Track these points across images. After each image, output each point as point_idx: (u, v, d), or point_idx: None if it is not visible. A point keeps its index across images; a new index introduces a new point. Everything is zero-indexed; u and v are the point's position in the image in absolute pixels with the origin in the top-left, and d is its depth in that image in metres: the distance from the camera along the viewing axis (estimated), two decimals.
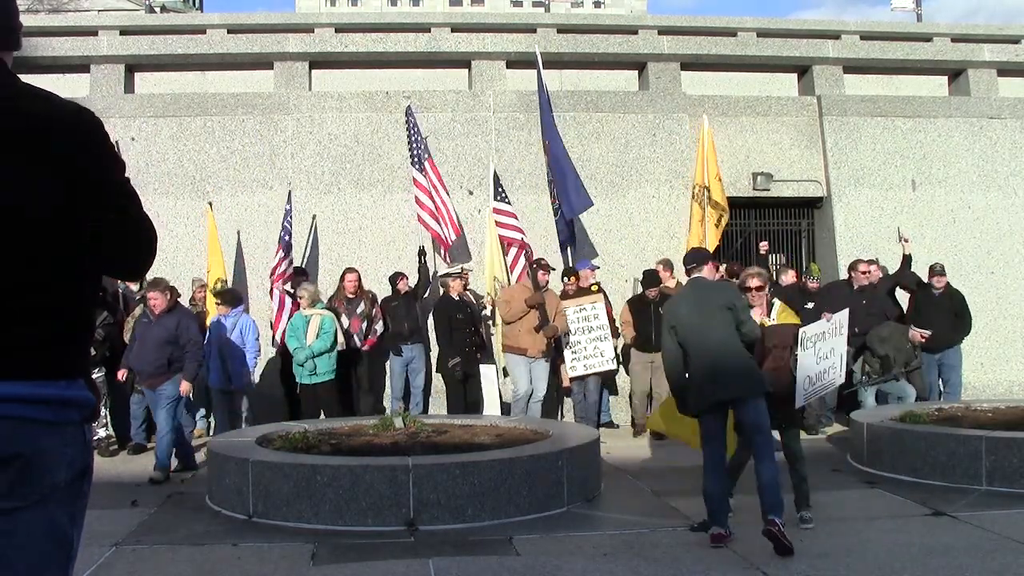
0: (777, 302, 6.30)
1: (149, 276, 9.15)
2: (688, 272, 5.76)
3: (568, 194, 9.77)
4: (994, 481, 6.48)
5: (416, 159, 10.09)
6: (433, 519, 5.70)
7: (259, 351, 9.07)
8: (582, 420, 9.32)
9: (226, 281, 9.74)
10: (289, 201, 9.96)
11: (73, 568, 1.88)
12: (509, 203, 10.12)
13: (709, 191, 10.37)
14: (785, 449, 5.79)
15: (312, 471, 5.88)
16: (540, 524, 5.77)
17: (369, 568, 4.94)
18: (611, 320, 9.55)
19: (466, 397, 9.47)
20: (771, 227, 11.82)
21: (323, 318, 8.86)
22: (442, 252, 10.22)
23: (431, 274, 10.09)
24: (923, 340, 9.16)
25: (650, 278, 9.45)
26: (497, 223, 9.96)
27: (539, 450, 6.41)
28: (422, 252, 9.96)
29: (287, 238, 9.77)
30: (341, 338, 9.04)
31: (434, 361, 10.06)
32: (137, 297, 9.05)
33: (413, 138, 10.14)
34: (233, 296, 8.99)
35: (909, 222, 11.17)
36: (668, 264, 9.83)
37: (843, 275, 10.35)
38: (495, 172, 10.18)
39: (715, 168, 10.47)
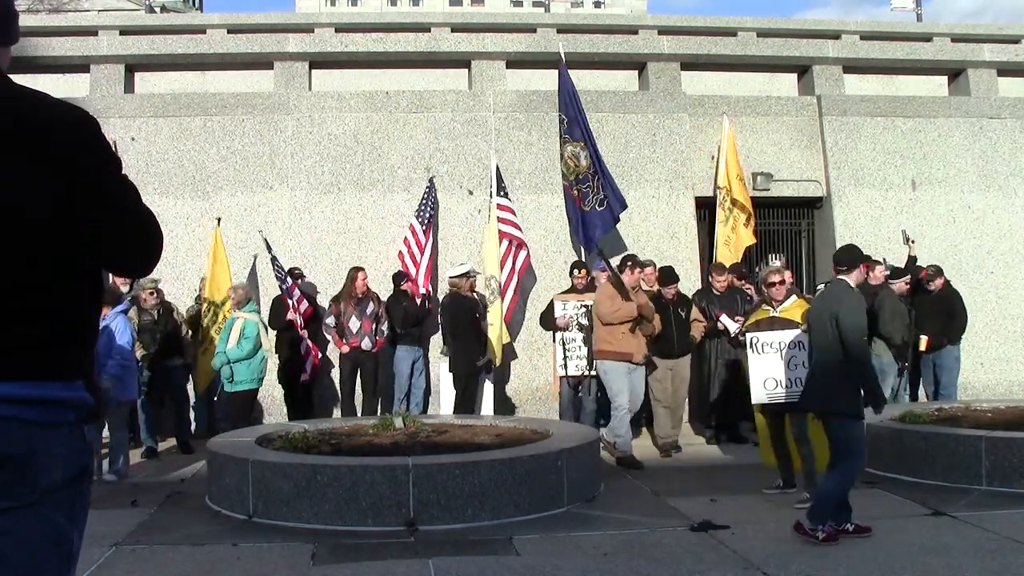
0: (793, 297, 6.62)
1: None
2: (836, 272, 5.46)
3: (615, 194, 9.83)
4: (994, 481, 6.48)
5: (422, 218, 10.03)
6: (433, 519, 5.70)
7: (129, 358, 7.59)
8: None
9: (217, 305, 9.47)
10: (270, 249, 9.62)
11: (74, 569, 1.88)
12: (509, 199, 10.11)
13: (731, 192, 10.39)
14: (793, 431, 6.33)
15: (312, 471, 5.88)
16: (540, 524, 5.77)
17: (369, 568, 4.94)
18: None
19: (473, 397, 9.25)
20: (771, 227, 11.82)
21: (246, 322, 8.34)
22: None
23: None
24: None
25: (668, 275, 8.67)
26: (500, 219, 9.91)
27: (539, 450, 6.41)
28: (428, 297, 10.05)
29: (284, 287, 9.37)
30: (267, 344, 8.59)
31: (433, 359, 10.07)
32: (129, 297, 8.90)
33: (427, 202, 10.09)
34: (112, 295, 7.80)
35: (909, 222, 11.17)
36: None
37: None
38: (497, 167, 10.15)
39: (736, 168, 10.49)
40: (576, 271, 9.57)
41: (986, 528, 5.51)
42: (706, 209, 11.10)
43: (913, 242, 10.19)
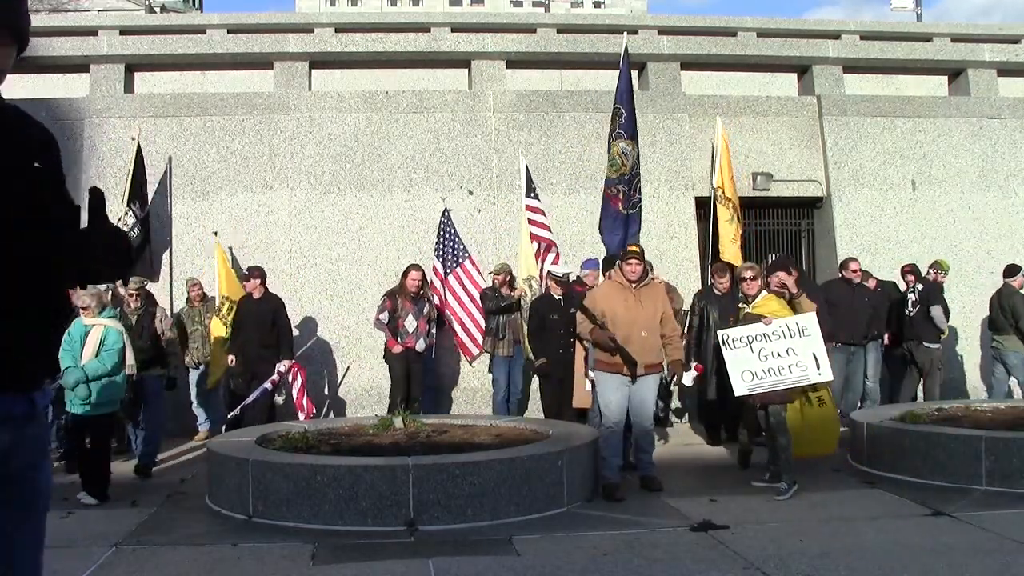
0: (764, 293, 6.84)
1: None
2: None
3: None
4: (994, 481, 6.47)
5: (449, 261, 9.74)
6: (433, 519, 5.70)
7: None
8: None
9: (233, 300, 9.28)
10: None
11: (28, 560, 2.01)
12: (539, 199, 10.03)
13: (726, 191, 10.41)
14: (769, 421, 6.75)
15: (312, 471, 5.88)
16: (540, 524, 5.77)
17: (369, 568, 4.94)
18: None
19: (560, 400, 8.29)
20: (771, 227, 11.83)
21: (107, 330, 6.80)
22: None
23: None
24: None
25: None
26: (530, 220, 9.81)
27: (539, 450, 6.40)
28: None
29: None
30: (131, 359, 7.00)
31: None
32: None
33: (447, 240, 9.77)
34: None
35: (909, 222, 11.16)
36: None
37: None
38: (527, 169, 10.05)
39: (729, 168, 10.52)
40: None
41: (986, 528, 5.51)
42: (704, 209, 11.09)
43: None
